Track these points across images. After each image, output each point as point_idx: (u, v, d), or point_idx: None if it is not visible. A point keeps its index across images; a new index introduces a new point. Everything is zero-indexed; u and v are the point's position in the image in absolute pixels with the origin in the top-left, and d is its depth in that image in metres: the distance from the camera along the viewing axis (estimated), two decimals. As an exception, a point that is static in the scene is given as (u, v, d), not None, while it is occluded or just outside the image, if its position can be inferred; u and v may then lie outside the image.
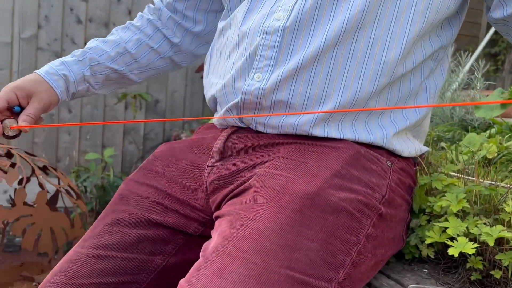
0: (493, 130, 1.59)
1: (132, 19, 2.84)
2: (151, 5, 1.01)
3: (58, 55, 2.68)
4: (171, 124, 2.95)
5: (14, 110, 0.83)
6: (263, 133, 0.75)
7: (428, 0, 0.71)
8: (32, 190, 1.38)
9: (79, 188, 2.41)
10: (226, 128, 0.80)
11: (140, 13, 1.01)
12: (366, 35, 0.69)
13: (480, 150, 1.25)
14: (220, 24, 0.86)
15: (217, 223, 0.66)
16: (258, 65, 0.72)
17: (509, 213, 0.69)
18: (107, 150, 2.41)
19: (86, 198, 2.44)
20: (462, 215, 0.74)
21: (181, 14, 1.00)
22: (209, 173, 0.77)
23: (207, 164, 0.78)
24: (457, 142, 1.44)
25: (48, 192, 1.34)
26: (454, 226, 0.68)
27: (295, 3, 0.71)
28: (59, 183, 1.42)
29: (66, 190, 1.42)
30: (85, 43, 2.73)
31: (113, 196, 0.82)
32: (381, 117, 0.74)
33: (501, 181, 1.07)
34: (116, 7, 2.78)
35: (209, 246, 0.60)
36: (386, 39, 0.70)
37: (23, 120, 0.81)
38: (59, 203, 1.38)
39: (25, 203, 1.24)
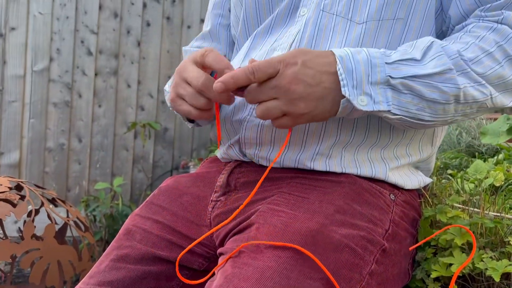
0: (500, 156, 1.58)
1: (141, 50, 2.93)
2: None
3: (69, 86, 2.75)
4: (179, 152, 2.97)
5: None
6: (265, 167, 0.76)
7: (416, 36, 0.72)
8: (42, 220, 1.39)
9: (89, 217, 2.42)
10: (230, 162, 0.81)
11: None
12: None
13: (487, 177, 1.24)
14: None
15: (220, 260, 0.66)
16: None
17: (515, 246, 0.68)
18: (116, 180, 2.43)
19: (95, 227, 2.45)
20: (467, 248, 0.74)
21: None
22: (213, 207, 0.77)
23: (211, 198, 0.79)
24: (464, 169, 1.43)
25: (56, 223, 1.35)
26: (459, 261, 0.68)
27: (292, 42, 0.73)
28: (67, 215, 1.44)
29: (75, 222, 1.43)
30: (96, 74, 2.79)
31: (119, 231, 0.83)
32: (383, 151, 0.74)
33: (509, 209, 1.06)
34: (126, 39, 2.85)
35: (211, 286, 0.60)
36: None
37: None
38: (68, 233, 1.39)
39: (33, 236, 1.26)
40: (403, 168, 0.78)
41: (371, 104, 0.60)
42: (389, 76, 0.61)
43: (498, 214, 0.81)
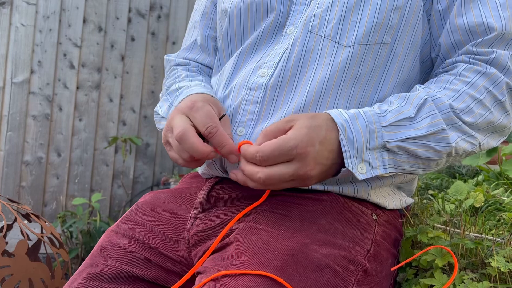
0: (480, 177, 1.59)
1: (125, 65, 2.91)
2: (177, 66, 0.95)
3: (49, 99, 2.70)
4: (161, 168, 2.93)
5: None
6: (247, 184, 0.74)
7: (402, 61, 0.73)
8: (15, 236, 1.34)
9: (65, 234, 2.36)
10: (211, 178, 0.80)
11: (176, 67, 0.93)
12: (346, 92, 0.71)
13: (467, 198, 1.25)
14: (212, 80, 0.88)
15: (197, 279, 0.64)
16: (241, 119, 0.73)
17: (495, 268, 0.68)
18: (94, 195, 2.38)
19: (71, 244, 2.38)
20: (448, 269, 0.73)
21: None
22: (192, 224, 0.75)
23: (190, 215, 0.76)
24: (445, 190, 1.44)
25: (30, 240, 1.31)
26: (440, 282, 0.67)
27: (279, 61, 0.73)
28: (42, 231, 1.39)
29: (49, 238, 1.38)
30: (78, 87, 2.76)
31: (93, 248, 0.80)
32: None
33: (489, 230, 1.07)
34: (109, 53, 2.83)
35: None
36: (362, 96, 0.72)
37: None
38: (42, 250, 1.34)
39: (4, 252, 1.21)
40: (386, 188, 0.78)
41: (369, 171, 0.63)
42: (386, 140, 0.64)
43: (479, 235, 0.80)
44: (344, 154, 0.62)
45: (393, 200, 0.79)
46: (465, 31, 0.71)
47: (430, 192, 1.40)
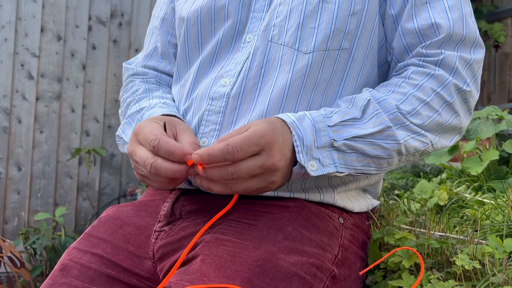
0: (443, 175, 1.63)
1: (86, 74, 2.84)
2: (135, 76, 0.92)
3: (7, 111, 2.60)
4: (127, 179, 2.87)
5: None
6: (212, 194, 0.73)
7: (360, 66, 0.74)
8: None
9: (28, 251, 2.27)
10: (175, 190, 0.78)
11: (134, 79, 0.90)
12: (306, 98, 0.71)
13: (431, 197, 1.27)
14: (173, 90, 0.86)
15: (163, 295, 0.62)
16: (204, 130, 0.72)
17: (460, 266, 0.69)
18: (58, 210, 2.30)
19: (35, 261, 2.29)
20: (416, 269, 0.74)
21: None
22: (156, 238, 0.73)
23: (154, 229, 0.74)
24: (410, 189, 1.46)
25: (-12, 261, 1.24)
26: (407, 284, 0.67)
27: (240, 70, 0.72)
28: (1, 251, 1.33)
29: (9, 258, 1.32)
30: (37, 99, 2.67)
31: (54, 267, 0.77)
32: (331, 179, 0.73)
33: (454, 228, 1.09)
34: (70, 62, 2.75)
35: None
36: (321, 102, 0.72)
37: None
38: (2, 269, 1.28)
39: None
40: (351, 192, 0.78)
41: (320, 168, 0.62)
42: (333, 139, 0.64)
43: (443, 234, 0.82)
44: (296, 149, 0.62)
45: (359, 203, 0.79)
46: (415, 33, 0.72)
47: (396, 192, 1.42)
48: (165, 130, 0.66)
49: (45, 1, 2.68)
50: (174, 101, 0.84)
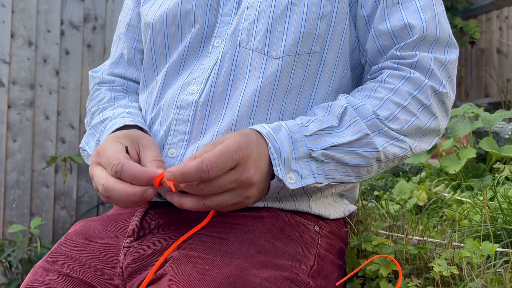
0: (423, 174, 1.63)
1: (60, 80, 2.77)
2: (100, 85, 0.88)
3: (-22, 120, 2.52)
4: (106, 185, 2.81)
5: None
6: (184, 207, 0.70)
7: (332, 69, 0.72)
8: None
9: (3, 264, 2.20)
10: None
11: (100, 87, 0.87)
12: (278, 105, 0.69)
13: (411, 197, 1.26)
14: (140, 98, 0.83)
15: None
16: (173, 140, 0.69)
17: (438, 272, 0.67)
18: (33, 221, 2.23)
19: (11, 274, 2.22)
20: (394, 276, 0.72)
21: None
22: (125, 254, 0.70)
23: (123, 244, 0.71)
24: (390, 190, 1.46)
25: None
26: (385, 293, 0.66)
27: (208, 76, 0.70)
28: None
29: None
30: (9, 106, 2.59)
31: (19, 288, 0.73)
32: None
33: (433, 228, 1.08)
34: (42, 68, 2.68)
35: None
36: (294, 108, 0.70)
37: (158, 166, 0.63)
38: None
39: None
40: (327, 198, 0.76)
41: (299, 181, 0.61)
42: (310, 149, 0.62)
43: (421, 238, 0.80)
44: (273, 162, 0.60)
45: (336, 209, 0.77)
46: (389, 35, 0.71)
47: (376, 193, 1.42)
48: (127, 152, 0.64)
49: (15, 6, 2.61)
50: (141, 109, 0.81)
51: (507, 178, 1.22)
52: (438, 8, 0.73)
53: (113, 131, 0.71)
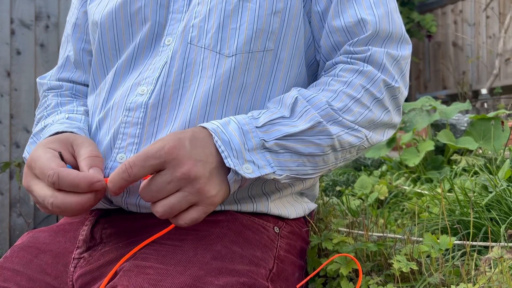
0: (384, 168, 1.65)
1: (12, 81, 2.64)
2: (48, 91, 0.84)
3: None
4: (65, 190, 2.71)
5: None
6: (136, 213, 0.67)
7: (287, 67, 0.70)
8: None
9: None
10: (94, 211, 0.71)
11: (47, 94, 0.83)
12: (233, 104, 0.66)
13: (372, 192, 1.27)
14: (88, 100, 0.79)
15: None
16: (121, 144, 0.66)
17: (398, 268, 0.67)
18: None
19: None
20: (355, 275, 0.71)
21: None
22: (75, 266, 0.66)
23: (73, 256, 0.67)
24: (352, 185, 1.46)
25: None
26: (346, 292, 0.65)
27: (158, 76, 0.67)
28: None
29: None
30: (-44, 111, 2.45)
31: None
32: (265, 186, 0.69)
33: (395, 221, 1.09)
34: (-8, 70, 2.55)
35: None
36: (250, 107, 0.68)
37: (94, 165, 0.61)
38: None
39: None
40: (287, 198, 0.74)
41: (256, 170, 0.59)
42: (263, 139, 0.61)
43: (381, 235, 0.80)
44: (222, 154, 0.58)
45: (296, 208, 0.76)
46: (343, 31, 0.70)
47: (338, 188, 1.42)
48: (62, 158, 0.60)
49: (-41, 4, 2.46)
50: (87, 113, 0.77)
51: (464, 169, 1.25)
52: (391, 3, 0.73)
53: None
